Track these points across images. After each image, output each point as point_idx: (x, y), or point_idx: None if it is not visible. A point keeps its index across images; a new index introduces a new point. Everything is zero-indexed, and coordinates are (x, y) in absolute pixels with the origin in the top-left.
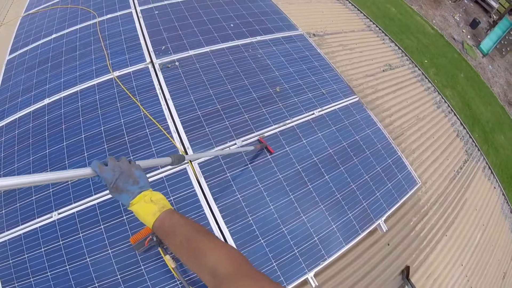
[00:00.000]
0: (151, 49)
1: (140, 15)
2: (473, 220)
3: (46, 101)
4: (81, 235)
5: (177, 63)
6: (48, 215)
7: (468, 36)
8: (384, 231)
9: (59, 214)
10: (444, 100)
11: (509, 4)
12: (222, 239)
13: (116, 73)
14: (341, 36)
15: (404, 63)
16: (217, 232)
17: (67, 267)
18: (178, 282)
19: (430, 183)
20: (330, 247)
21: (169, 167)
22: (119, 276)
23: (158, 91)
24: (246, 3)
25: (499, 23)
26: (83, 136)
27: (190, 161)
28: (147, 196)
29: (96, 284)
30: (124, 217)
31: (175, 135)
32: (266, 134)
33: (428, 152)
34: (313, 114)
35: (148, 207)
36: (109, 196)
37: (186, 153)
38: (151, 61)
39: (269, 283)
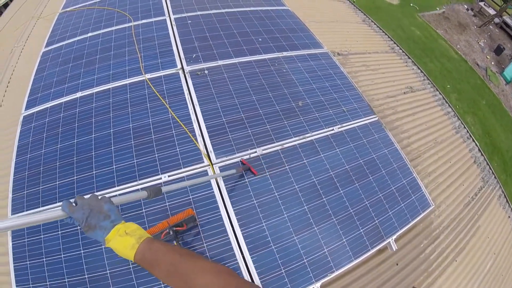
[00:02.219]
0: (182, 56)
1: (173, 23)
2: (484, 247)
3: (79, 94)
4: None
5: (206, 71)
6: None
7: (492, 63)
8: (394, 250)
9: None
10: (464, 126)
11: None
12: (235, 240)
13: (148, 76)
14: (365, 57)
15: (425, 87)
16: (230, 234)
17: (82, 251)
18: None
19: (443, 207)
20: (339, 260)
21: (192, 166)
22: (131, 266)
23: (187, 96)
24: (275, 19)
25: None
26: (111, 130)
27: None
28: (121, 229)
29: (108, 271)
30: (143, 210)
31: (199, 138)
32: (285, 146)
33: (444, 176)
34: (333, 130)
35: (124, 240)
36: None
37: (209, 156)
38: (182, 67)
39: None
